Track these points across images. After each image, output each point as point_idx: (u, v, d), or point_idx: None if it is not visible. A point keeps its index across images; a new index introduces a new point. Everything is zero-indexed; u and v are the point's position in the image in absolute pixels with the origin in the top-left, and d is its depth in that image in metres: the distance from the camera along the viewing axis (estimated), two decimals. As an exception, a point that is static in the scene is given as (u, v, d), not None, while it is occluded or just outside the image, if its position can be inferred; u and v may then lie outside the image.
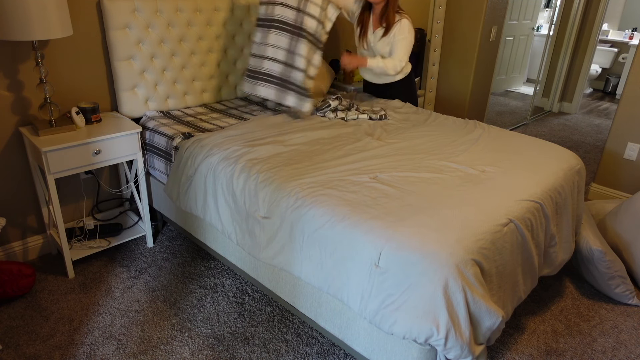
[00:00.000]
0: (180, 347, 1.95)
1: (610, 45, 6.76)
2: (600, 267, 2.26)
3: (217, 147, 2.15)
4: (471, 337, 1.47)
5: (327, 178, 1.89)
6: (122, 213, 2.77)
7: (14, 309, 2.13)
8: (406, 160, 2.11)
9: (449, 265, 1.43)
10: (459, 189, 1.85)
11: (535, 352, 2.00)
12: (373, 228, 1.56)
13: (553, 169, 2.10)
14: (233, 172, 1.99)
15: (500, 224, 1.65)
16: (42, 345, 1.94)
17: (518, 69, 6.02)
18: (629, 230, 2.45)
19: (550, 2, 5.09)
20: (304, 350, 1.96)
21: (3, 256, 2.37)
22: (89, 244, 2.46)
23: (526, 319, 2.18)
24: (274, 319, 2.12)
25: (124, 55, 2.44)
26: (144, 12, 2.44)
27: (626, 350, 2.03)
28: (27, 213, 2.42)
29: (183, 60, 2.68)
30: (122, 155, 2.32)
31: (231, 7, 2.81)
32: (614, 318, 2.22)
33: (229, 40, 2.87)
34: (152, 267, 2.46)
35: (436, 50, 4.32)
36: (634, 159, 3.22)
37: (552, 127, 5.13)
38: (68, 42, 2.32)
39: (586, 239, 2.28)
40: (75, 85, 2.41)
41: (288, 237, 1.78)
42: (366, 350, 1.70)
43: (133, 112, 2.56)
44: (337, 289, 1.64)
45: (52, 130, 2.16)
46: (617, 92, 6.72)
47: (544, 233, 1.93)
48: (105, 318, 2.09)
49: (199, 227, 2.37)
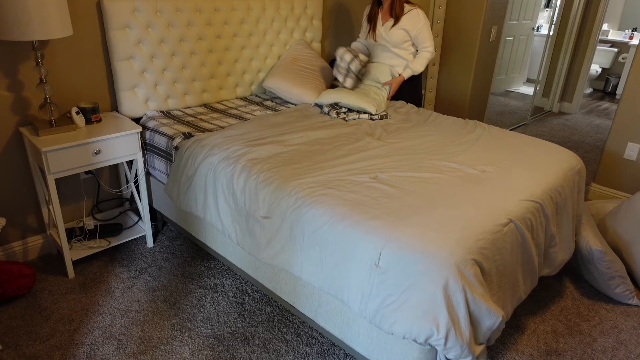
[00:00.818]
0: (180, 347, 1.95)
1: (610, 45, 6.76)
2: (600, 267, 2.26)
3: (217, 147, 2.15)
4: (471, 336, 1.47)
5: (328, 178, 1.89)
6: (122, 213, 2.77)
7: (14, 309, 2.13)
8: (406, 160, 2.11)
9: (449, 265, 1.43)
10: (459, 188, 1.85)
11: (535, 352, 1.99)
12: (373, 228, 1.56)
13: (553, 169, 2.10)
14: (233, 172, 1.99)
15: (501, 224, 1.65)
16: (42, 345, 1.94)
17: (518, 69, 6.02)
18: (629, 230, 2.45)
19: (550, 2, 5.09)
20: (304, 350, 1.96)
21: (3, 256, 2.37)
22: (89, 244, 2.46)
23: (526, 319, 2.18)
24: (274, 319, 2.12)
25: (124, 55, 2.44)
26: (144, 12, 2.44)
27: (626, 350, 2.03)
28: (27, 213, 2.42)
29: (183, 60, 2.68)
30: (122, 155, 2.32)
31: (231, 7, 2.81)
32: (614, 318, 2.22)
33: (229, 40, 2.87)
34: (152, 267, 2.46)
35: (436, 51, 4.32)
36: (634, 159, 3.22)
37: (552, 127, 5.13)
38: (68, 42, 2.32)
39: (586, 239, 2.28)
40: (75, 85, 2.41)
41: (288, 237, 1.78)
42: (366, 350, 1.70)
43: (133, 112, 2.56)
44: (337, 288, 1.64)
45: (52, 130, 2.16)
46: (617, 92, 6.72)
47: (544, 233, 1.93)
48: (105, 318, 2.09)
49: (199, 227, 2.37)
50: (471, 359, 1.48)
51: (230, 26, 2.84)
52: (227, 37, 2.85)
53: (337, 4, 3.58)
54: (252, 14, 2.93)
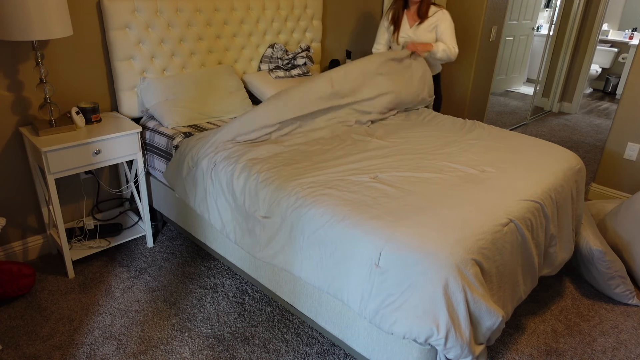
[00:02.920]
0: (180, 347, 1.95)
1: (610, 45, 6.76)
2: (600, 267, 2.26)
3: (217, 147, 2.15)
4: (471, 336, 1.47)
5: (328, 178, 1.89)
6: (122, 213, 2.77)
7: (14, 309, 2.13)
8: (406, 160, 2.11)
9: (449, 265, 1.43)
10: (459, 188, 1.85)
11: (535, 352, 1.99)
12: (373, 228, 1.56)
13: (553, 169, 2.10)
14: (233, 172, 1.99)
15: (501, 224, 1.65)
16: (42, 345, 1.94)
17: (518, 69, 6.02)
18: (629, 230, 2.45)
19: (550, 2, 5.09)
20: (304, 350, 1.96)
21: (3, 256, 2.37)
22: (89, 244, 2.46)
23: (526, 319, 2.18)
24: (274, 319, 2.12)
25: (124, 55, 2.44)
26: (144, 12, 2.44)
27: (626, 350, 2.03)
28: (27, 213, 2.42)
29: (183, 60, 2.68)
30: (122, 155, 2.32)
31: (231, 7, 2.81)
32: (614, 318, 2.22)
33: (229, 40, 2.86)
34: (152, 267, 2.46)
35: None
36: (634, 159, 3.22)
37: (552, 127, 5.13)
38: (68, 42, 2.32)
39: (586, 239, 2.28)
40: (75, 85, 2.41)
41: (288, 237, 1.78)
42: (366, 350, 1.70)
43: (133, 112, 2.56)
44: (337, 288, 1.64)
45: (52, 130, 2.16)
46: (617, 92, 6.72)
47: (544, 233, 1.93)
48: (105, 318, 2.09)
49: (199, 227, 2.36)
50: (471, 358, 1.48)
51: (230, 26, 2.84)
52: (226, 37, 2.84)
53: (337, 4, 3.58)
54: (252, 14, 2.93)
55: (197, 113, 2.52)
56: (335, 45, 3.72)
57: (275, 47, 3.04)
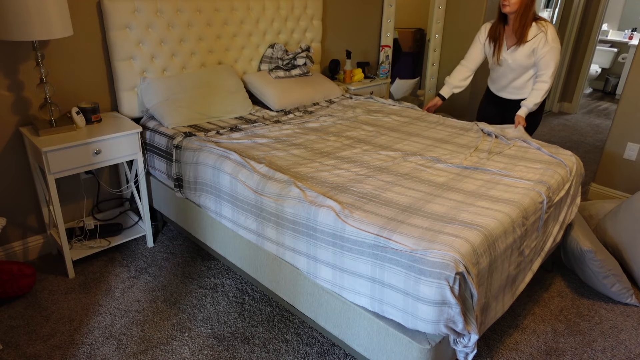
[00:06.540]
0: (180, 347, 1.95)
1: (610, 45, 6.76)
2: (592, 267, 2.26)
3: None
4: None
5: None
6: (122, 213, 2.77)
7: (14, 309, 2.13)
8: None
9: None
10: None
11: (535, 352, 2.00)
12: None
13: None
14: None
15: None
16: (42, 345, 1.94)
17: (518, 69, 6.01)
18: (628, 230, 2.45)
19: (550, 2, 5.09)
20: (304, 350, 1.96)
21: (3, 256, 2.37)
22: (89, 244, 2.46)
23: (526, 319, 2.19)
24: (274, 319, 2.12)
25: (124, 55, 2.44)
26: (144, 13, 2.44)
27: (626, 350, 2.04)
28: (27, 213, 2.42)
29: (183, 60, 2.68)
30: (122, 155, 2.32)
31: (231, 7, 2.81)
32: (614, 318, 2.22)
33: (229, 40, 2.87)
34: (152, 267, 2.46)
35: (436, 50, 4.33)
36: (634, 159, 3.22)
37: (552, 127, 5.13)
38: (68, 42, 2.32)
39: (576, 240, 2.28)
40: (75, 85, 2.41)
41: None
42: (366, 350, 1.70)
43: (133, 112, 2.56)
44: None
45: (53, 130, 2.17)
46: (617, 92, 6.72)
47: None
48: (105, 318, 2.10)
49: (199, 227, 2.37)
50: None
51: (230, 26, 2.84)
52: (227, 37, 2.85)
53: (337, 4, 3.58)
54: (252, 14, 2.93)
55: (197, 113, 2.52)
56: (335, 45, 3.72)
57: (275, 47, 3.04)
